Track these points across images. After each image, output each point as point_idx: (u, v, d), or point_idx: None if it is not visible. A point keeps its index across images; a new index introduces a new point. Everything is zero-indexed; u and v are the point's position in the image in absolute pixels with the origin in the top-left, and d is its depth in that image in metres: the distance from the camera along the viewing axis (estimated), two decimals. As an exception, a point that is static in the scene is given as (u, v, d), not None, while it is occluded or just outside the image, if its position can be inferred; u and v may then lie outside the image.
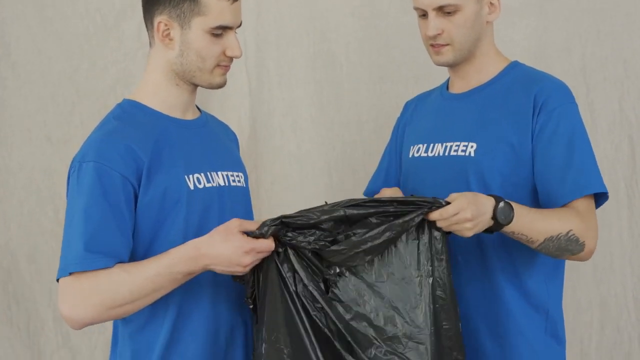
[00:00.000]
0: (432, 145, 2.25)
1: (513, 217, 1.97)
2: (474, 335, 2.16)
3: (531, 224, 2.00)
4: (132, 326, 2.01)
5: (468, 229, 1.92)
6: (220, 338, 2.04)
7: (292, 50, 3.09)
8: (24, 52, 3.01)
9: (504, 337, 2.14)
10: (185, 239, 1.96)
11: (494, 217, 1.95)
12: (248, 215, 2.19)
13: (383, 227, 1.91)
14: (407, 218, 1.91)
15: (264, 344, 1.93)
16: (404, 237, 1.97)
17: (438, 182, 2.20)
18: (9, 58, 3.00)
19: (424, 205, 1.92)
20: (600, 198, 2.13)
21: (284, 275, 1.95)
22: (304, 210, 1.95)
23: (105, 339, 2.97)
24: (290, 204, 3.04)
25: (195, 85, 2.09)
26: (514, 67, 2.24)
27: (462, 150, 2.17)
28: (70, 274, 1.88)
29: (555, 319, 2.18)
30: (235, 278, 2.00)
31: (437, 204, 1.92)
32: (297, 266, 1.95)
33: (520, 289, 2.15)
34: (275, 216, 1.93)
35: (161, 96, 2.07)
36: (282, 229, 1.92)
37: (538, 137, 2.10)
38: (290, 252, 1.95)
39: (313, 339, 1.95)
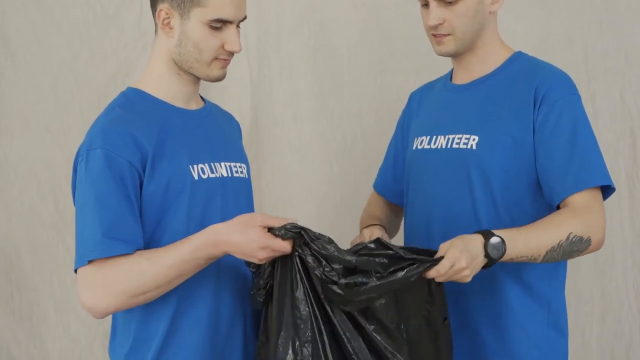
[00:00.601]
0: (435, 137, 2.24)
1: (505, 249, 1.94)
2: (475, 329, 2.16)
3: (527, 245, 1.98)
4: (132, 316, 2.00)
5: (466, 276, 1.91)
6: (220, 329, 2.04)
7: (293, 41, 3.08)
8: (24, 42, 2.99)
9: (505, 330, 2.14)
10: (187, 228, 1.97)
11: (487, 255, 1.94)
12: (249, 206, 2.18)
13: (383, 282, 1.90)
14: (406, 276, 1.90)
15: (280, 338, 1.94)
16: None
17: (440, 175, 2.20)
18: (8, 48, 2.99)
19: (422, 262, 1.91)
20: (606, 190, 2.11)
21: (307, 278, 1.95)
22: (325, 237, 1.94)
23: (105, 330, 2.97)
24: (290, 194, 3.07)
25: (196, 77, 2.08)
26: (518, 58, 2.23)
27: (464, 143, 2.15)
28: (90, 262, 1.88)
29: (557, 312, 2.17)
30: (248, 264, 2.00)
31: (433, 262, 1.91)
32: (312, 273, 1.96)
33: (521, 283, 2.14)
34: (289, 218, 1.95)
35: (164, 85, 2.06)
36: (299, 239, 1.93)
37: (540, 129, 2.08)
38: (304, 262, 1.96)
39: (326, 340, 1.95)
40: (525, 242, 1.97)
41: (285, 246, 1.91)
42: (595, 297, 3.07)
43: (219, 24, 2.00)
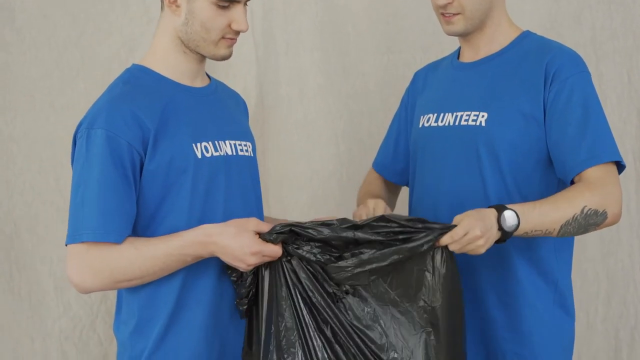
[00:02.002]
0: (442, 114, 2.24)
1: (519, 222, 1.94)
2: (483, 305, 2.16)
3: (541, 218, 1.97)
4: (137, 295, 2.00)
5: (480, 246, 1.90)
6: (224, 308, 2.04)
7: (299, 18, 3.06)
8: (29, 17, 2.96)
9: (513, 307, 2.14)
10: (191, 208, 1.97)
11: (500, 228, 1.93)
12: (255, 185, 2.17)
13: (391, 249, 1.90)
14: (416, 244, 1.90)
15: (266, 346, 1.95)
16: (410, 261, 1.95)
17: (448, 152, 2.19)
18: (13, 23, 2.95)
19: (433, 230, 1.91)
20: (617, 167, 2.10)
21: (290, 282, 1.95)
22: (315, 222, 1.95)
23: (107, 308, 2.96)
24: (296, 173, 3.05)
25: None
26: (526, 37, 2.22)
27: (473, 120, 2.15)
28: (81, 242, 1.89)
29: (564, 291, 2.17)
30: (230, 273, 2.00)
31: (446, 229, 1.91)
32: (303, 275, 1.95)
33: (530, 259, 2.14)
34: (281, 220, 1.97)
35: (169, 62, 2.05)
36: (291, 237, 1.93)
37: (552, 106, 2.08)
38: (297, 260, 1.96)
39: (317, 345, 1.95)
40: (539, 215, 1.97)
41: (276, 251, 1.92)
42: (600, 278, 3.07)
43: (226, 3, 1.99)
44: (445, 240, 1.90)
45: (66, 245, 1.93)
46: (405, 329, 1.94)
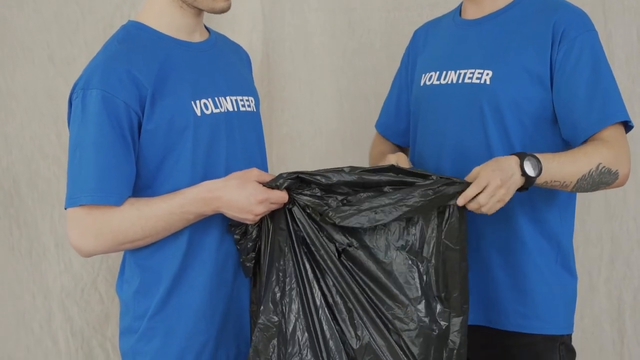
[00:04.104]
0: (445, 72, 2.21)
1: (542, 167, 1.94)
2: (486, 265, 2.16)
3: (560, 168, 1.97)
4: (141, 255, 2.00)
5: (504, 195, 1.90)
6: (228, 269, 2.03)
7: (304, -26, 3.01)
8: (28, -31, 2.91)
9: (516, 266, 2.13)
10: (193, 166, 1.95)
11: (524, 174, 1.93)
12: (259, 141, 2.15)
13: (416, 191, 1.87)
14: (424, 193, 1.87)
15: (266, 291, 1.94)
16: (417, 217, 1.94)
17: (451, 111, 2.17)
18: (11, -25, 2.90)
19: (448, 184, 1.89)
20: (625, 127, 2.10)
21: (292, 229, 1.94)
22: (322, 170, 1.94)
23: (108, 266, 2.95)
24: (300, 131, 3.02)
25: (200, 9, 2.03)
26: None
27: (477, 78, 2.12)
28: (81, 205, 1.88)
29: (566, 252, 2.17)
30: (233, 229, 1.99)
31: (463, 185, 1.89)
32: (307, 226, 1.94)
33: (534, 219, 2.14)
34: (291, 170, 1.94)
35: (166, 18, 2.02)
36: (296, 184, 1.92)
37: (560, 67, 2.05)
38: (301, 210, 1.94)
39: (316, 293, 1.94)
40: (558, 166, 1.97)
41: (283, 196, 1.91)
42: (604, 240, 3.07)
43: None
44: (468, 194, 1.89)
45: (65, 209, 1.91)
46: (406, 282, 1.93)
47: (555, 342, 2.15)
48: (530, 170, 1.92)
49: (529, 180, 1.93)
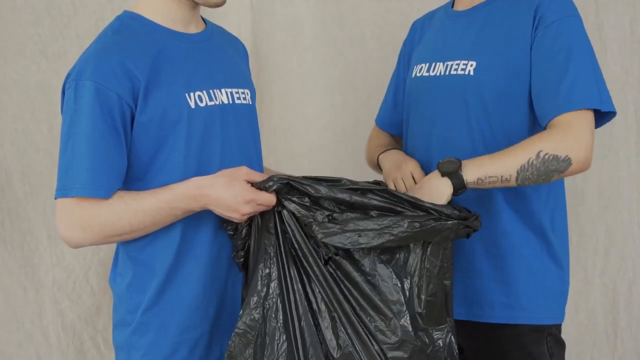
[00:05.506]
0: (433, 64, 2.21)
1: (459, 164, 1.93)
2: (470, 257, 2.13)
3: (493, 163, 1.95)
4: (135, 248, 1.99)
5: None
6: (221, 263, 2.02)
7: (294, -36, 3.01)
8: (19, -38, 2.92)
9: (500, 257, 2.11)
10: (186, 159, 1.93)
11: (442, 174, 1.95)
12: (254, 134, 2.13)
13: (404, 221, 1.84)
14: (416, 232, 1.84)
15: (250, 292, 1.92)
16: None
17: (437, 102, 2.17)
18: (2, -32, 2.92)
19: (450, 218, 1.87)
20: (604, 116, 2.03)
21: (280, 231, 1.92)
22: (315, 179, 1.91)
23: (100, 259, 2.94)
24: (290, 123, 3.01)
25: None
26: None
27: (462, 69, 2.11)
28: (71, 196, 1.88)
29: (553, 242, 2.14)
30: (225, 226, 1.98)
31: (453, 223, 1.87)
32: (295, 231, 1.91)
33: (517, 209, 2.11)
34: (281, 172, 1.94)
35: (162, 9, 2.00)
36: (285, 189, 1.90)
37: (536, 50, 2.03)
38: (290, 214, 1.92)
39: (299, 298, 1.92)
40: (492, 161, 1.95)
41: (270, 198, 1.89)
42: (599, 232, 3.04)
43: None
44: None
45: (55, 199, 1.90)
46: (390, 296, 1.89)
47: (542, 333, 2.12)
48: (443, 167, 1.95)
49: (454, 179, 1.94)
